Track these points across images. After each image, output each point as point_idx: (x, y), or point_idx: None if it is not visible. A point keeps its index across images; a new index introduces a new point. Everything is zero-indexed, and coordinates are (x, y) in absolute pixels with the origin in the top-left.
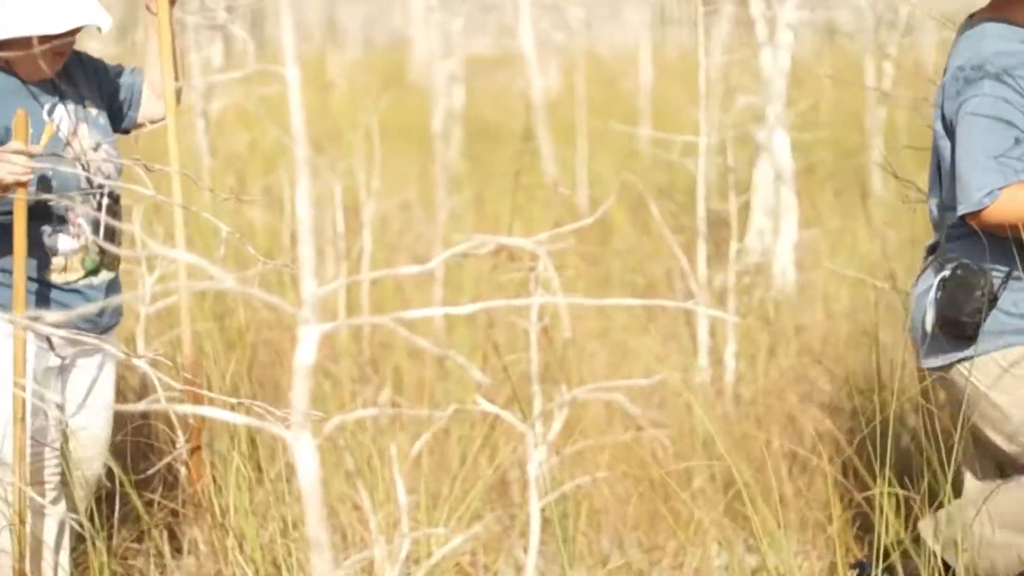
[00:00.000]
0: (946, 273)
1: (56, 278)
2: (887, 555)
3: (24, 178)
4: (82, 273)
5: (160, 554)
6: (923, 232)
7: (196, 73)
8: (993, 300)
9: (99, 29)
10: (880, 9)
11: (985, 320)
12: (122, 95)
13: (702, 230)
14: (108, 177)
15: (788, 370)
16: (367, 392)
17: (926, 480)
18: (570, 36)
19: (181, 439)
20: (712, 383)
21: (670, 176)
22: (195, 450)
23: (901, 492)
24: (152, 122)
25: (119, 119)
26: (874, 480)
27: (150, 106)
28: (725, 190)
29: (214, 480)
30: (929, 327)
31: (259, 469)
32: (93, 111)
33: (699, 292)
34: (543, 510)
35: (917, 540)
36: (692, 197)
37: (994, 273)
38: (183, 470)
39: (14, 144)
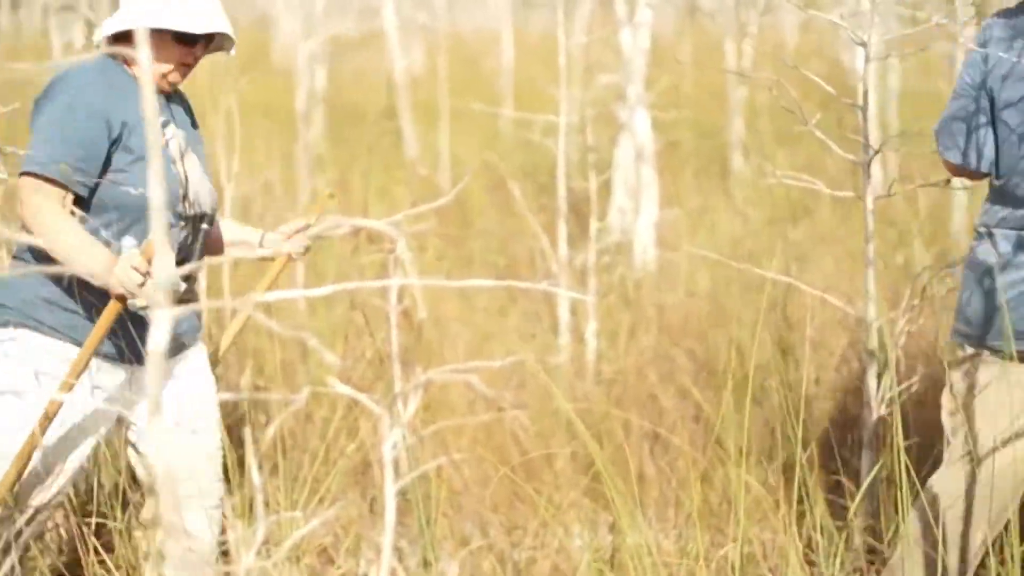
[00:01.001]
0: None
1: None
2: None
3: (135, 298)
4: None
5: (27, 548)
6: (783, 211)
7: (57, 55)
8: None
9: (228, 51)
10: None
11: None
12: None
13: (562, 209)
14: (204, 211)
15: (648, 349)
16: (229, 375)
17: (784, 457)
18: (433, 17)
19: None
20: (573, 362)
21: (532, 156)
22: None
23: (751, 480)
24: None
25: None
26: (738, 458)
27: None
28: (586, 169)
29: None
30: None
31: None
32: (200, 147)
33: (559, 272)
34: (406, 492)
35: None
36: (553, 177)
37: None
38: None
39: (138, 259)
